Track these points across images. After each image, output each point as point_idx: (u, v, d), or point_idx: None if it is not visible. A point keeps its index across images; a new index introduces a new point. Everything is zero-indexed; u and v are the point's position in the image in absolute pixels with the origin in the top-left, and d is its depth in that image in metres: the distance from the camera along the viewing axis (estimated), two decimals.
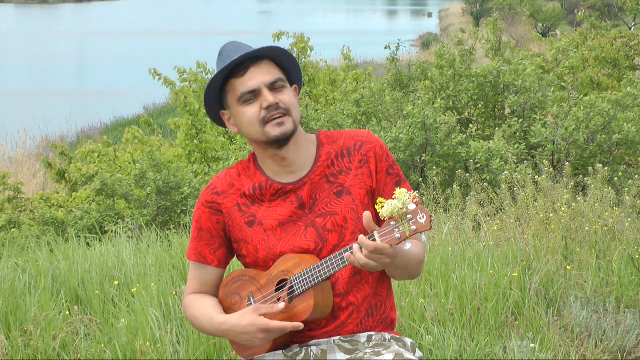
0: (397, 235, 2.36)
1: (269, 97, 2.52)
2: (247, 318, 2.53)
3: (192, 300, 2.71)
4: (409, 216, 2.34)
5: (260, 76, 2.54)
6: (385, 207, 2.34)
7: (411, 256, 2.55)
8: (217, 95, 2.61)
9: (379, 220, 2.51)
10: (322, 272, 2.50)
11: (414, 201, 2.36)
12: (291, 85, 2.63)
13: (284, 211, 2.60)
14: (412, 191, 2.39)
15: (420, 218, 2.34)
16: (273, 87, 2.54)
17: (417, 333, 4.23)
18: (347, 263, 2.47)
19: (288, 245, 2.58)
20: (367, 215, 2.40)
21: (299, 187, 2.60)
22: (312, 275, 2.51)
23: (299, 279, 2.53)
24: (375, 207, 2.40)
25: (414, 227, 2.34)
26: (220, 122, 2.67)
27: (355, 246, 2.42)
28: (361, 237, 2.40)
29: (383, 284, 2.67)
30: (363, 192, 2.60)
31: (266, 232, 2.60)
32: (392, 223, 2.37)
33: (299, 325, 2.51)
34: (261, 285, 2.60)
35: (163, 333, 4.15)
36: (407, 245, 2.37)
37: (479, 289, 4.64)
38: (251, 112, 2.54)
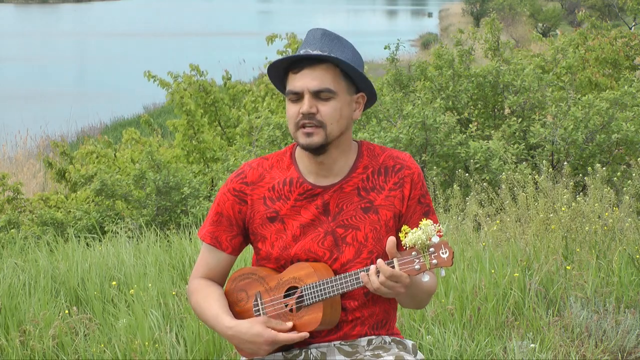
0: (417, 267, 2.35)
1: (306, 105, 2.48)
2: (256, 328, 2.51)
3: (200, 287, 2.66)
4: (432, 249, 2.32)
5: (308, 80, 2.49)
6: (409, 237, 2.32)
7: (424, 288, 2.54)
8: (281, 77, 2.58)
9: (400, 246, 2.47)
10: (335, 288, 2.49)
11: (439, 234, 2.34)
12: (357, 93, 2.57)
13: (307, 214, 2.57)
14: (438, 224, 2.37)
15: (442, 253, 2.32)
16: (318, 95, 2.49)
17: (417, 333, 4.23)
18: (361, 283, 2.45)
19: (303, 249, 2.56)
20: (391, 240, 2.38)
21: (328, 192, 2.57)
22: (325, 288, 2.49)
23: (311, 289, 2.51)
24: (399, 234, 2.37)
25: (435, 261, 2.32)
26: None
27: (372, 268, 2.40)
28: (380, 261, 2.38)
29: (391, 303, 2.66)
30: (390, 215, 2.57)
31: (285, 231, 2.57)
32: (413, 253, 2.35)
33: (305, 335, 2.51)
34: (270, 287, 2.58)
35: (162, 333, 4.14)
36: (425, 278, 2.35)
37: (478, 289, 4.63)
38: (292, 111, 2.52)
